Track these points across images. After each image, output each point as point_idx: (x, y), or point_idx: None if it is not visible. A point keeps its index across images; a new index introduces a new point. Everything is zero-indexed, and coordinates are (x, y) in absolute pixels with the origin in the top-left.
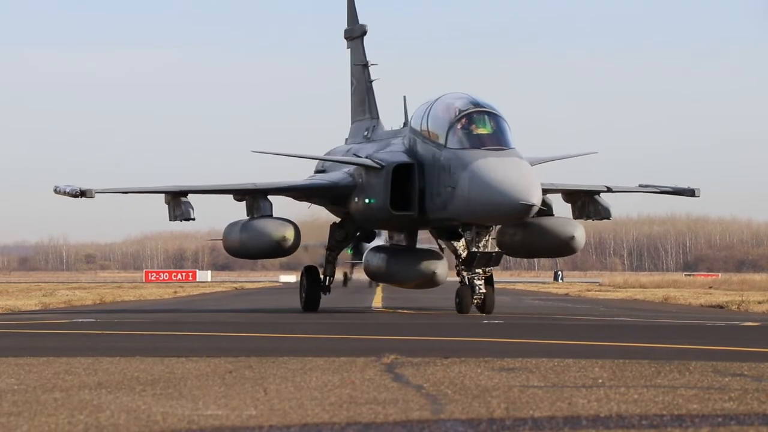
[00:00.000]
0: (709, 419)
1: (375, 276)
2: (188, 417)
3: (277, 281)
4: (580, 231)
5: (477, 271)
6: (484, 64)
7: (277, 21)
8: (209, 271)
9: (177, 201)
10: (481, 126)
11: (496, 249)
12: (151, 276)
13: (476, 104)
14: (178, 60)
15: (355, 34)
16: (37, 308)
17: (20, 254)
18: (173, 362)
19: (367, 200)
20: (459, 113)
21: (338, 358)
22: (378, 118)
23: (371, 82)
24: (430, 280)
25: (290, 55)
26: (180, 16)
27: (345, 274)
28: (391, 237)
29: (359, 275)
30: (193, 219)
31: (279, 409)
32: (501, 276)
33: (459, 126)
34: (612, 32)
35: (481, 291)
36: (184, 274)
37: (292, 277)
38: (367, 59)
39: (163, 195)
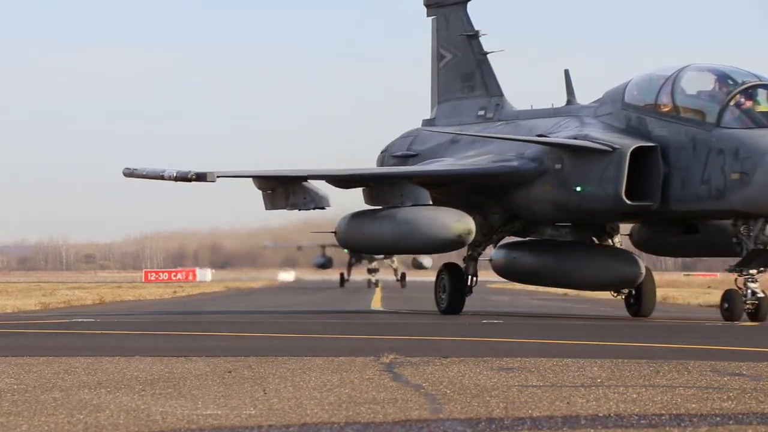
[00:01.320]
0: (707, 419)
1: (530, 277)
2: (187, 416)
3: (274, 279)
4: None
5: (750, 272)
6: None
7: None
8: (209, 270)
9: (298, 187)
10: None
11: None
12: (151, 276)
13: (755, 77)
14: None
15: (453, 0)
16: (37, 308)
17: (20, 254)
18: (172, 362)
19: (578, 188)
20: (734, 88)
21: (337, 358)
22: (502, 95)
23: (485, 54)
24: (632, 281)
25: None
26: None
27: (342, 275)
28: (524, 232)
29: (358, 275)
30: (323, 208)
31: (278, 408)
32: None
33: (734, 102)
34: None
35: (756, 295)
36: (183, 273)
37: (291, 276)
38: (476, 28)
39: (252, 181)
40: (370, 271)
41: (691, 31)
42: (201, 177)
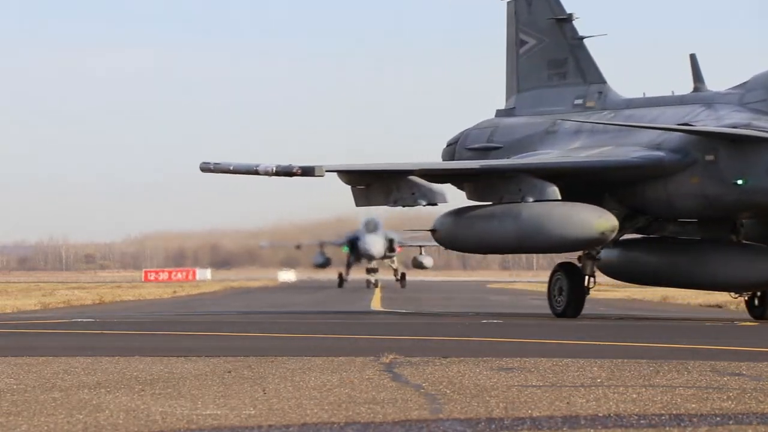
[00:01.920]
0: (707, 419)
1: (653, 277)
2: (187, 416)
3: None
4: None
5: None
6: None
7: None
8: (209, 270)
9: (403, 182)
10: None
11: None
12: (151, 276)
13: None
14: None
15: None
16: (37, 308)
17: (20, 254)
18: (172, 362)
19: (740, 181)
20: None
21: (337, 358)
22: (604, 82)
23: (580, 39)
24: None
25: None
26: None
27: (340, 275)
28: (648, 229)
29: (357, 275)
30: (435, 204)
31: (278, 408)
32: (500, 275)
33: None
34: None
35: None
36: (183, 273)
37: (290, 276)
38: (567, 11)
39: (339, 176)
40: (369, 270)
41: None
42: (308, 171)
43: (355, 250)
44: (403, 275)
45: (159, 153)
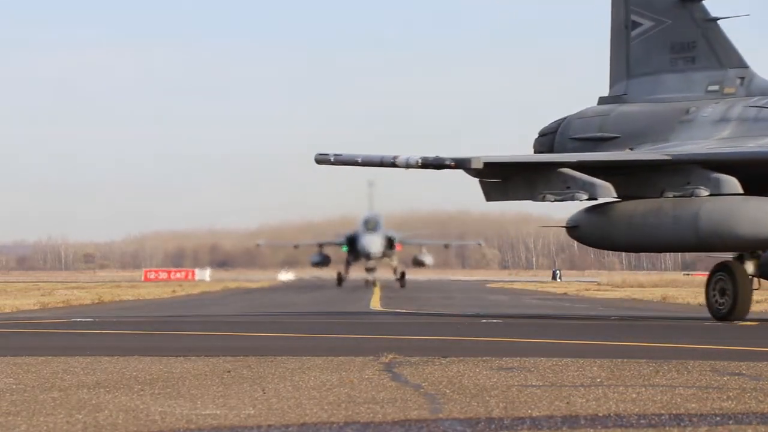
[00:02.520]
0: (707, 418)
1: None
2: (186, 416)
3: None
4: None
5: None
6: None
7: None
8: (208, 270)
9: (554, 175)
10: None
11: None
12: (150, 275)
13: None
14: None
15: None
16: (36, 308)
17: (19, 253)
18: (171, 362)
19: None
20: None
21: (337, 358)
22: (746, 66)
23: (714, 20)
24: None
25: None
26: None
27: (339, 274)
28: None
29: (356, 275)
30: (595, 198)
31: (277, 408)
32: (499, 275)
33: None
34: None
35: None
36: (183, 273)
37: (290, 275)
38: None
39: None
40: (368, 269)
41: None
42: (462, 163)
43: (353, 249)
44: (403, 274)
45: (159, 153)
